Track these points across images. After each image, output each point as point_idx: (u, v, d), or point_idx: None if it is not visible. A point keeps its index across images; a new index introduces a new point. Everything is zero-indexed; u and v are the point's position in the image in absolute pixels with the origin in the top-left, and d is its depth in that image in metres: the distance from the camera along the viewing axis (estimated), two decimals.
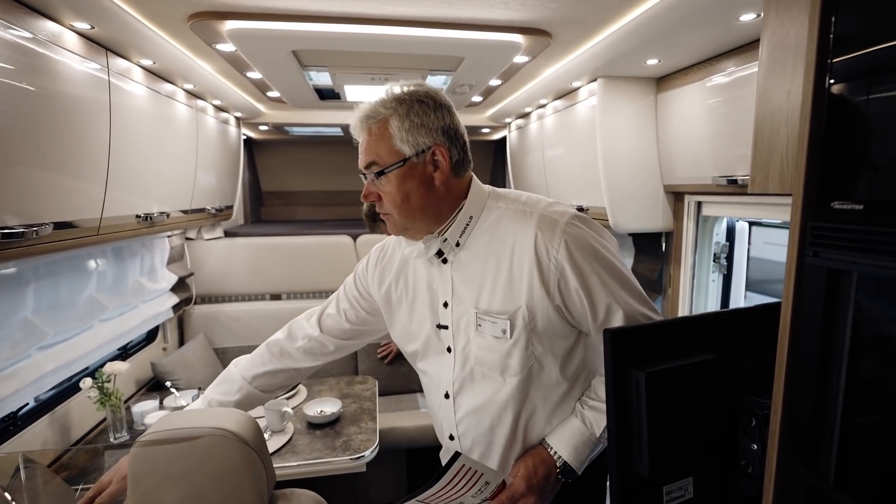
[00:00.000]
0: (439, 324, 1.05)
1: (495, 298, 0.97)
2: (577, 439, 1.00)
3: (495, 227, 0.99)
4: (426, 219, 0.98)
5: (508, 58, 1.71)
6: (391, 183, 0.94)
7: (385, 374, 3.00)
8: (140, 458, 0.93)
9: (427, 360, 1.10)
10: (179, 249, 2.75)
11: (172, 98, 1.94)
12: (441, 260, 1.02)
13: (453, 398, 1.05)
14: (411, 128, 0.93)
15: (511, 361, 0.98)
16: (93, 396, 1.85)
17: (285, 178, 4.39)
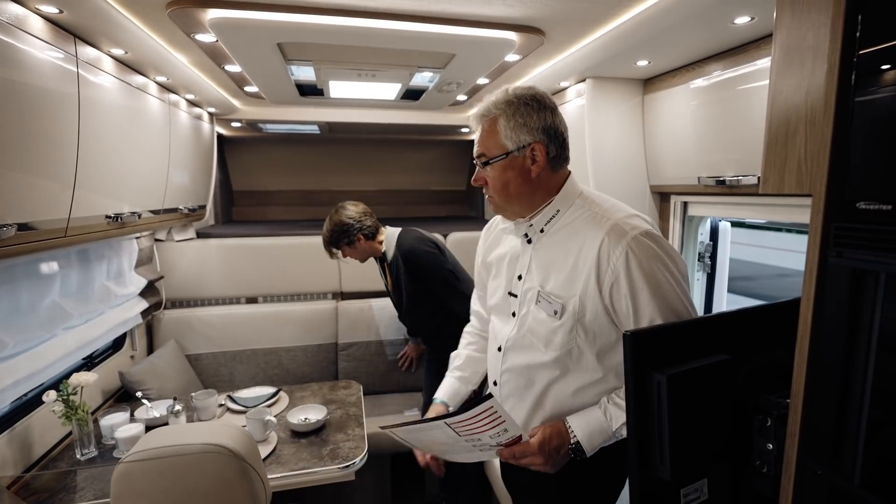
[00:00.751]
0: (511, 291, 1.22)
1: (557, 283, 1.11)
2: (593, 426, 1.10)
3: (575, 224, 1.13)
4: (520, 204, 1.15)
5: (500, 56, 1.69)
6: (495, 171, 1.12)
7: (365, 374, 2.94)
8: (125, 476, 0.86)
9: (496, 317, 1.30)
10: (148, 252, 2.61)
11: (144, 91, 1.83)
12: (527, 240, 1.19)
13: (504, 353, 1.23)
14: (515, 126, 1.09)
15: (555, 338, 1.11)
16: (57, 410, 1.72)
17: (257, 177, 4.23)
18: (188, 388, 2.52)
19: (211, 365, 2.79)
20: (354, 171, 4.36)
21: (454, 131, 3.51)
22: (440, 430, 1.06)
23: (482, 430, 1.03)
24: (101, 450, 1.84)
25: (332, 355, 2.95)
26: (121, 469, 0.85)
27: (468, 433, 1.05)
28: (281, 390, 2.30)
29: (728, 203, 1.71)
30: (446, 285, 2.14)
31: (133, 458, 0.85)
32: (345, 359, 2.94)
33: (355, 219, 2.17)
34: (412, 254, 2.13)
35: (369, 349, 2.96)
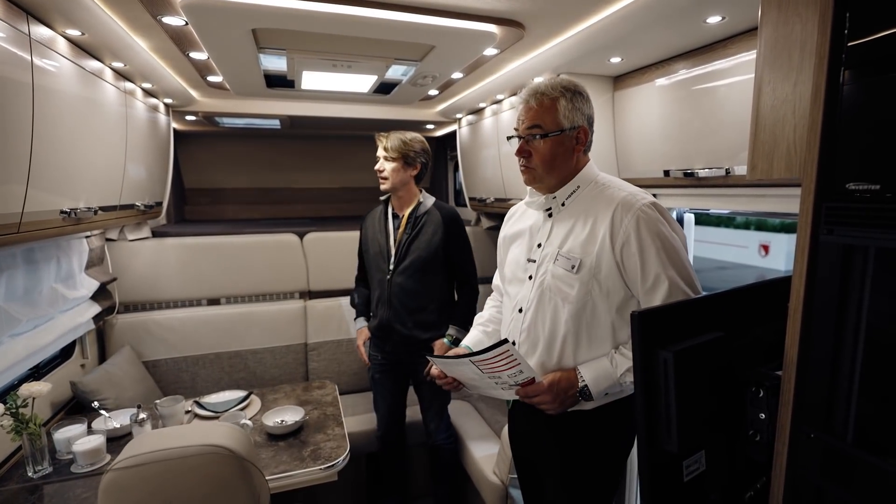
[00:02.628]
0: (530, 258, 1.35)
1: (575, 245, 1.26)
2: (600, 372, 1.23)
3: (592, 198, 1.29)
4: (557, 177, 1.30)
5: (479, 49, 1.70)
6: (546, 145, 1.26)
7: (337, 373, 2.89)
8: (114, 485, 0.80)
9: (512, 284, 1.40)
10: (99, 252, 2.43)
11: (100, 77, 1.70)
12: (548, 214, 1.34)
13: (524, 313, 1.33)
14: (573, 109, 1.25)
15: (571, 292, 1.24)
16: (6, 425, 1.57)
17: (211, 174, 4.03)
18: (147, 396, 2.37)
19: (171, 371, 2.64)
20: (315, 167, 4.24)
21: (420, 127, 3.49)
22: (467, 366, 1.24)
23: (501, 370, 1.20)
24: (55, 465, 1.69)
25: (302, 356, 2.87)
26: (109, 478, 0.78)
27: (490, 371, 1.22)
28: (252, 393, 2.21)
29: (696, 195, 1.81)
30: (472, 261, 2.21)
31: (123, 464, 0.79)
32: (315, 359, 2.87)
33: (427, 153, 2.16)
34: (459, 218, 2.19)
35: (340, 348, 2.90)
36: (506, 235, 1.51)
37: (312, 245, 2.97)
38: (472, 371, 1.26)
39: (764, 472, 0.87)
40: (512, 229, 1.49)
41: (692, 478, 0.88)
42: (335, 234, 2.99)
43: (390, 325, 2.13)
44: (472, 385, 1.38)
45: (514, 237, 1.46)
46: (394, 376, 2.26)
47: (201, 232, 2.84)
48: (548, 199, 1.33)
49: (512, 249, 1.46)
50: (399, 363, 2.22)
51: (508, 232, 1.50)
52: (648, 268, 1.17)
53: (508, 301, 1.43)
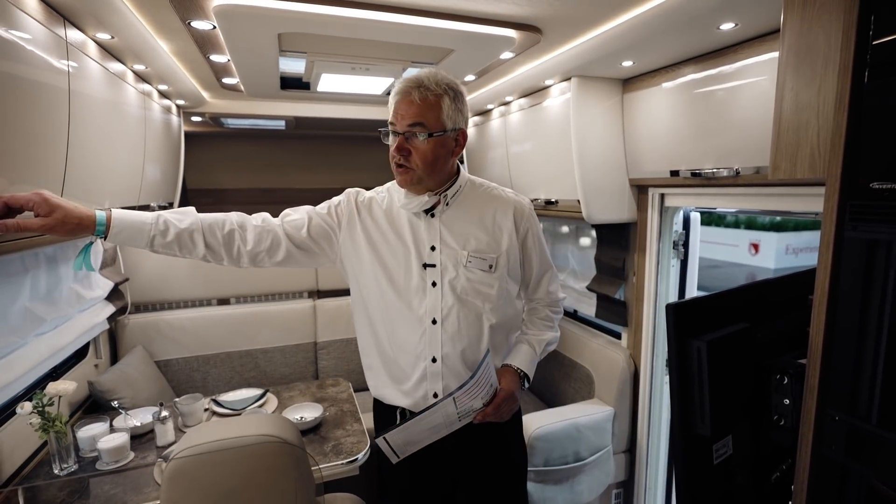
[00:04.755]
0: (426, 263, 1.28)
1: (482, 243, 1.29)
2: (529, 357, 1.35)
3: (479, 196, 1.33)
4: (438, 178, 1.26)
5: (497, 53, 1.75)
6: (428, 145, 1.19)
7: (346, 372, 2.92)
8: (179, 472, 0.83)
9: (407, 294, 1.28)
10: (112, 252, 2.44)
11: (122, 79, 1.72)
12: (429, 215, 1.29)
13: (441, 323, 1.27)
14: (456, 110, 1.21)
15: (492, 291, 1.28)
16: (34, 423, 1.59)
17: (213, 174, 4.03)
18: (161, 395, 2.39)
19: (182, 370, 2.65)
20: (317, 168, 4.26)
21: None
22: (442, 409, 1.13)
23: (477, 394, 1.15)
24: (80, 462, 1.72)
25: (312, 354, 2.90)
26: (174, 465, 0.82)
27: (467, 401, 1.15)
28: (268, 391, 2.23)
29: (703, 194, 1.87)
30: None
31: (186, 452, 0.83)
32: (325, 357, 2.90)
33: None
34: None
35: (349, 346, 2.94)
36: (360, 232, 1.31)
37: None
38: (443, 414, 1.13)
39: (788, 454, 0.93)
40: (374, 227, 1.31)
41: (721, 461, 0.93)
42: None
43: None
44: (418, 440, 1.18)
45: (384, 239, 1.30)
46: None
47: None
48: (431, 197, 1.25)
49: (380, 252, 1.29)
50: None
51: (363, 230, 1.31)
52: (543, 257, 1.38)
53: (406, 315, 1.27)
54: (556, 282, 1.45)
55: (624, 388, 2.21)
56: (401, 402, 1.32)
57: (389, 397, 1.35)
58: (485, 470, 1.38)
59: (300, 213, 1.33)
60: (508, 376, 1.30)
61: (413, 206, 1.27)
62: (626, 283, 2.30)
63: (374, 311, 1.32)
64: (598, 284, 2.44)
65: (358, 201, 1.36)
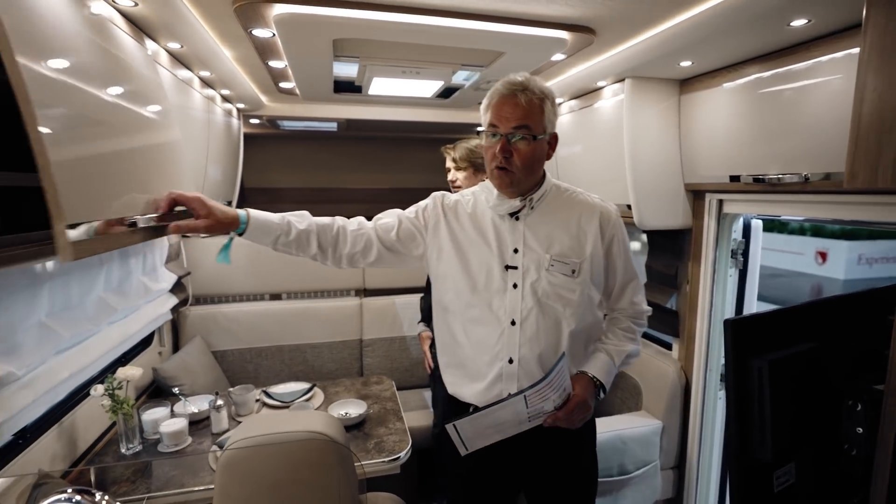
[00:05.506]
0: (508, 265, 1.28)
1: (566, 247, 1.28)
2: (607, 367, 1.31)
3: (564, 201, 1.33)
4: (533, 181, 1.29)
5: (548, 55, 1.72)
6: (531, 147, 1.21)
7: (390, 370, 2.96)
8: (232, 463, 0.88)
9: (487, 295, 1.29)
10: (176, 247, 2.60)
11: (190, 85, 1.83)
12: (514, 218, 1.30)
13: (520, 325, 1.27)
14: (552, 114, 1.25)
15: (573, 296, 1.27)
16: (105, 405, 1.72)
17: (269, 174, 4.22)
18: (217, 383, 2.52)
19: (237, 361, 2.79)
20: (367, 169, 4.36)
21: (469, 130, 3.53)
22: (512, 406, 1.14)
23: (549, 396, 1.15)
24: (144, 444, 1.84)
25: (357, 351, 2.96)
26: (228, 455, 0.86)
27: (538, 401, 1.14)
28: (315, 386, 2.31)
29: (766, 201, 1.76)
30: None
31: (239, 444, 0.87)
32: (370, 354, 2.96)
33: None
34: None
35: (394, 345, 2.98)
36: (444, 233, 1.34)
37: None
38: (512, 412, 1.14)
39: (860, 487, 0.86)
40: (459, 229, 1.34)
41: (782, 489, 0.88)
42: None
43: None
44: (488, 436, 1.20)
45: (470, 240, 1.32)
46: None
47: None
48: (519, 201, 1.27)
49: (465, 253, 1.31)
50: None
51: (448, 231, 1.34)
52: (627, 266, 1.34)
53: (485, 315, 1.28)
54: (642, 293, 1.40)
55: (674, 401, 2.12)
56: (475, 401, 1.32)
57: (465, 395, 1.36)
58: (552, 476, 1.36)
59: (391, 216, 1.39)
60: (583, 383, 1.27)
61: (503, 209, 1.29)
62: (678, 292, 2.20)
63: (454, 310, 1.34)
64: (648, 292, 2.34)
65: (444, 204, 1.39)
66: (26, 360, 1.32)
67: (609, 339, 1.37)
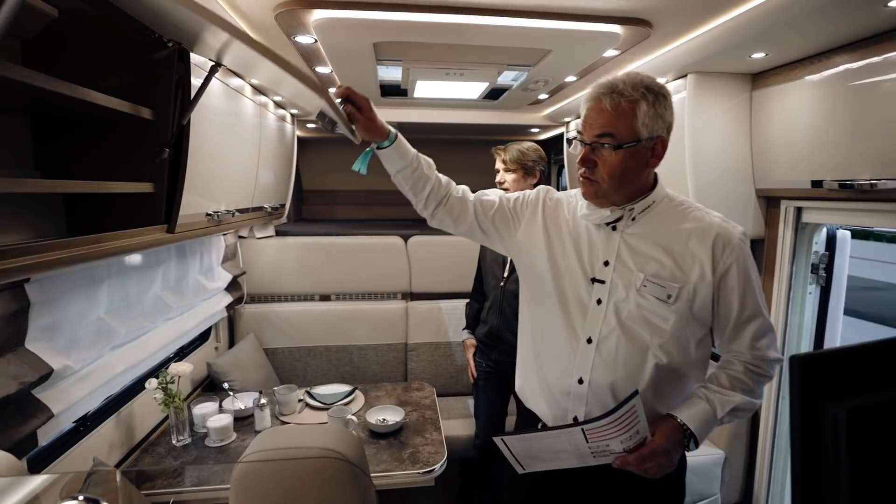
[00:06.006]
0: (595, 278, 1.15)
1: (664, 269, 1.10)
2: (703, 416, 1.09)
3: (674, 216, 1.14)
4: (625, 193, 1.12)
5: (600, 51, 1.61)
6: (618, 156, 1.06)
7: (434, 375, 2.93)
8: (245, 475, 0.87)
9: (567, 305, 1.18)
10: (233, 248, 2.72)
11: (240, 93, 1.89)
12: (611, 227, 1.15)
13: (596, 344, 1.13)
14: (655, 116, 1.06)
15: (664, 325, 1.09)
16: (158, 398, 1.81)
17: (326, 176, 4.35)
18: (266, 381, 2.60)
19: (286, 360, 2.87)
20: None
21: (524, 131, 3.43)
22: (568, 436, 1.02)
23: (616, 435, 0.99)
24: (193, 437, 1.92)
25: (402, 355, 2.96)
26: (241, 468, 0.85)
27: (600, 438, 1.01)
28: (357, 389, 2.32)
29: (856, 210, 1.54)
30: None
31: (252, 457, 0.86)
32: (414, 359, 2.94)
33: (544, 160, 2.15)
34: None
35: (438, 350, 2.95)
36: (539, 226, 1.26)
37: (416, 248, 3.06)
38: (569, 442, 1.04)
39: None
40: (553, 227, 1.24)
41: None
42: (438, 238, 3.04)
43: (500, 333, 2.13)
44: (545, 462, 1.12)
45: (561, 241, 1.22)
46: (498, 385, 2.23)
47: (317, 232, 3.06)
48: (614, 211, 1.13)
49: (553, 252, 1.22)
50: (504, 372, 2.19)
51: (543, 225, 1.25)
52: (747, 301, 1.10)
53: (560, 325, 1.18)
54: (769, 336, 1.14)
55: (739, 430, 1.92)
56: (540, 411, 1.24)
57: (531, 402, 1.27)
58: None
59: (493, 195, 1.34)
60: (667, 429, 1.07)
61: (593, 218, 1.17)
62: None
63: (534, 313, 1.27)
64: None
65: (546, 199, 1.29)
66: (83, 355, 1.40)
67: (715, 384, 1.14)
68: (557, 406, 1.19)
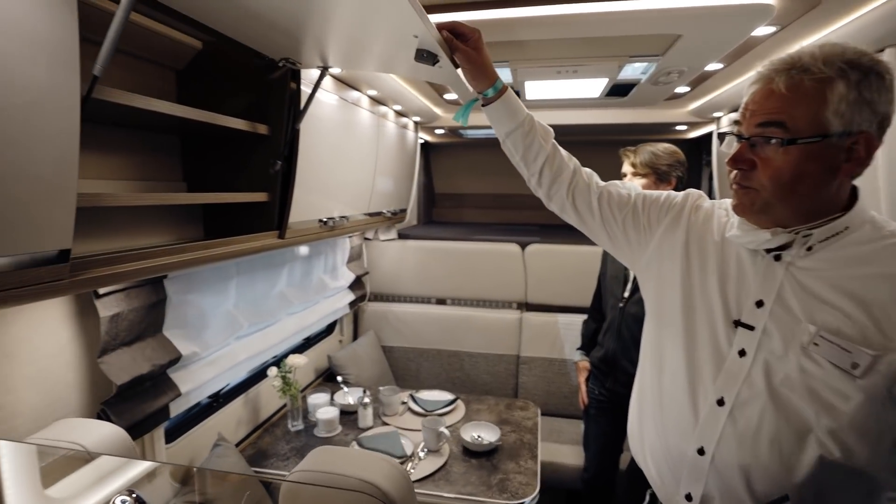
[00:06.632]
0: (740, 320, 0.87)
1: (852, 326, 0.77)
2: None
3: (880, 251, 0.79)
4: (800, 210, 0.82)
5: (746, 30, 1.29)
6: (788, 156, 0.77)
7: (545, 393, 2.75)
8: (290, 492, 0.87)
9: (695, 350, 0.92)
10: (358, 249, 2.91)
11: (357, 105, 1.98)
12: (772, 256, 0.86)
13: (730, 409, 0.85)
14: (856, 102, 0.74)
15: (841, 405, 0.77)
16: (276, 385, 2.01)
17: (456, 180, 4.42)
18: (380, 377, 2.72)
19: (401, 359, 2.97)
20: None
21: (668, 130, 3.02)
22: None
23: None
24: (306, 424, 2.09)
25: (513, 367, 2.84)
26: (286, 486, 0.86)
27: None
28: (459, 399, 2.28)
29: None
30: None
31: (294, 477, 0.86)
32: (525, 373, 2.80)
33: (683, 165, 1.88)
34: None
35: (552, 367, 2.76)
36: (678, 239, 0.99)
37: (533, 257, 2.91)
38: None
39: None
40: (696, 246, 0.96)
41: None
42: (557, 247, 2.85)
43: (616, 360, 1.89)
44: None
45: (702, 264, 0.94)
46: (612, 416, 1.98)
47: (438, 236, 3.11)
48: (778, 235, 0.82)
49: (691, 282, 0.94)
50: (620, 403, 1.94)
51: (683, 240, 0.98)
52: None
53: (681, 371, 0.92)
54: None
55: None
56: (649, 474, 1.02)
57: (639, 458, 1.05)
58: None
59: (630, 191, 1.10)
60: None
61: (747, 240, 0.87)
62: None
63: (655, 349, 1.02)
64: None
65: (694, 207, 1.03)
66: (210, 343, 1.60)
67: None
68: (669, 474, 0.94)
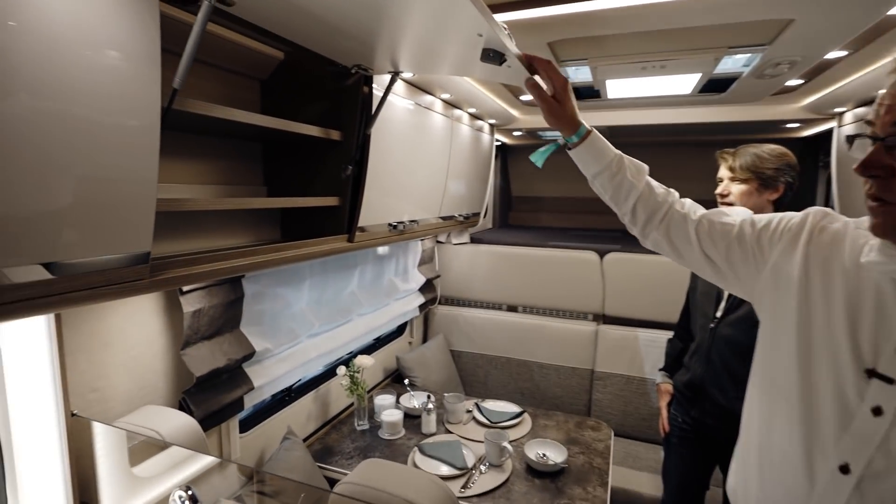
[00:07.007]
0: (875, 370, 0.72)
1: None
2: None
3: None
4: None
5: (880, 10, 1.08)
6: None
7: (621, 413, 2.57)
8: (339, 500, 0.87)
9: (814, 402, 0.77)
10: (430, 252, 2.91)
11: (430, 109, 1.97)
12: None
13: (858, 479, 0.72)
14: None
15: None
16: (344, 384, 2.05)
17: (534, 183, 4.30)
18: (448, 382, 2.70)
19: (470, 364, 2.93)
20: None
21: (776, 128, 2.67)
22: None
23: None
24: (372, 425, 2.11)
25: (587, 382, 2.68)
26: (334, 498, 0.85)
27: None
28: (526, 412, 2.19)
29: None
30: None
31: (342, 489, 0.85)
32: (600, 389, 2.63)
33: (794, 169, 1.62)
34: None
35: (630, 385, 2.57)
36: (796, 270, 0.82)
37: (612, 266, 2.72)
38: None
39: None
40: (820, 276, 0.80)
41: None
42: (639, 256, 2.64)
43: (703, 386, 1.67)
44: None
45: (826, 299, 0.78)
46: (696, 448, 1.77)
47: (512, 241, 3.03)
48: None
49: (812, 318, 0.79)
50: (705, 434, 1.73)
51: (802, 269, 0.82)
52: None
53: (794, 428, 0.78)
54: None
55: None
56: None
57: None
58: None
59: (734, 217, 0.98)
60: None
61: (890, 270, 0.73)
62: None
63: (764, 395, 0.88)
64: None
65: (817, 229, 0.86)
66: (282, 341, 1.67)
67: None
68: None
